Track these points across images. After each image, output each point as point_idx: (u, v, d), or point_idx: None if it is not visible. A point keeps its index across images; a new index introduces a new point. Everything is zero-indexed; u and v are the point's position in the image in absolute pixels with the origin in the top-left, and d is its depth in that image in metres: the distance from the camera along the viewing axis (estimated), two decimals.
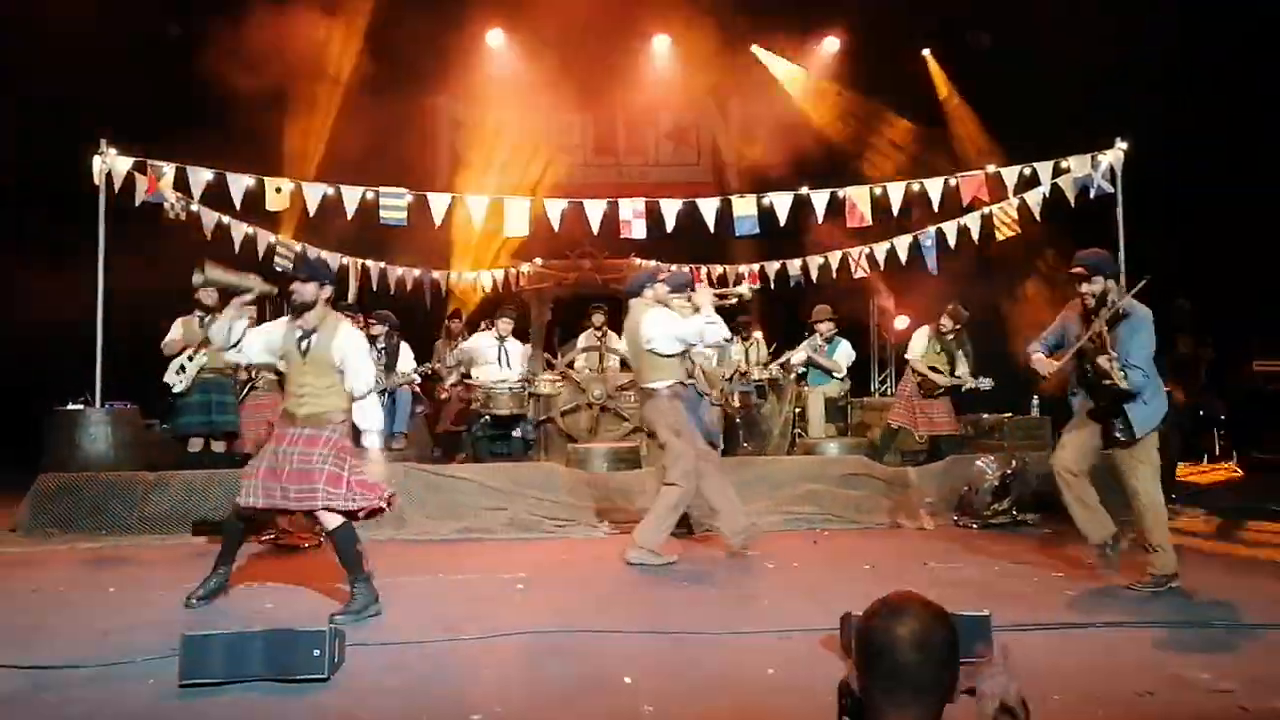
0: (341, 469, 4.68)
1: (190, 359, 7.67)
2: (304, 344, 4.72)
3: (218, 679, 3.57)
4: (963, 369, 8.48)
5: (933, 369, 8.48)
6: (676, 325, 5.97)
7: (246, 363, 5.95)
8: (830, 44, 13.14)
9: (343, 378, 4.72)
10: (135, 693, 3.59)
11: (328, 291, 4.82)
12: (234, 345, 4.82)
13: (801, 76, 13.18)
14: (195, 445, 7.81)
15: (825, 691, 3.42)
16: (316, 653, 3.62)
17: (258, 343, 4.86)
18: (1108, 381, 4.79)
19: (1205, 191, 10.68)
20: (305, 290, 4.73)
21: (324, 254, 10.13)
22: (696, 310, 5.97)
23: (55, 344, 9.18)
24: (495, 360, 9.12)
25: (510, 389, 8.64)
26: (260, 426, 7.96)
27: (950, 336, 8.56)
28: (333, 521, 4.70)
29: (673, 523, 6.05)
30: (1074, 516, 5.23)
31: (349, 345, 4.75)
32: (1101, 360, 4.81)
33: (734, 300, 6.47)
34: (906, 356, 9.01)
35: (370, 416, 4.81)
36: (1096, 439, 5.11)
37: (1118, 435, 4.97)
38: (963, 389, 8.49)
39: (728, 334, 6.21)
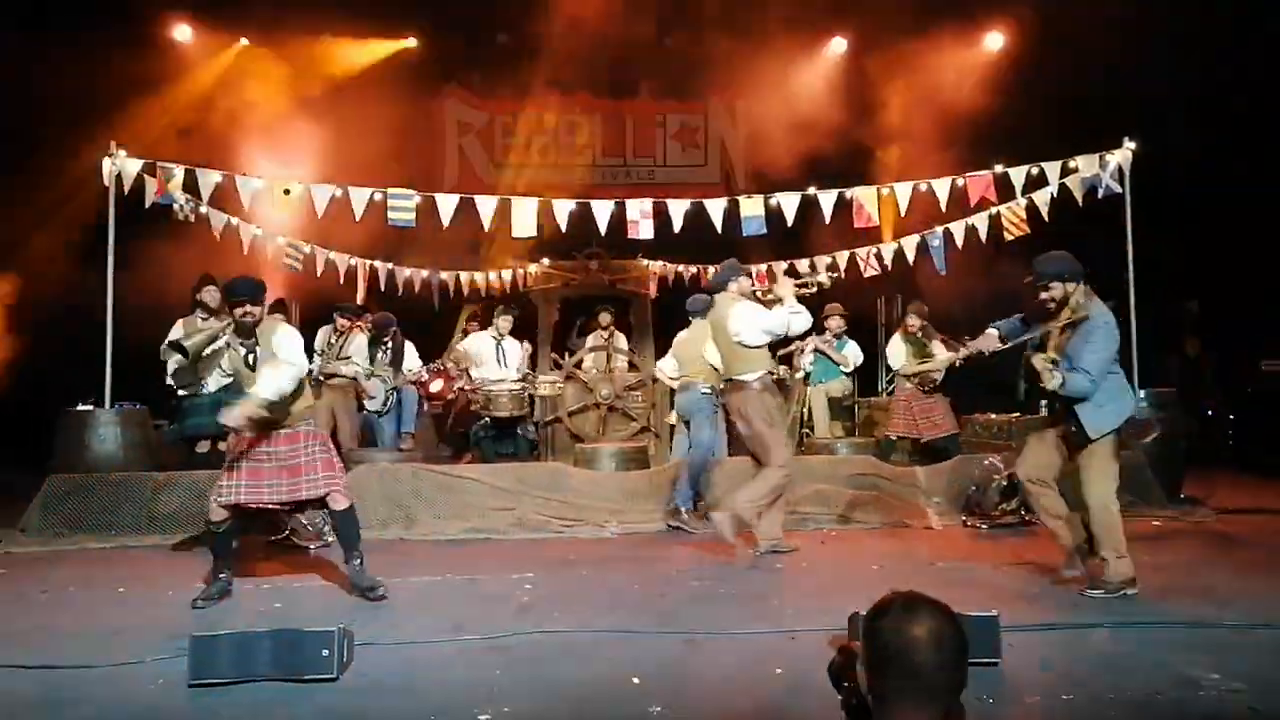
0: (330, 454, 5.04)
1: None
2: (250, 358, 4.97)
3: (226, 679, 3.58)
4: (942, 356, 8.56)
5: (925, 364, 8.58)
6: (763, 317, 6.16)
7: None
8: (838, 44, 13.10)
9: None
10: (144, 693, 3.61)
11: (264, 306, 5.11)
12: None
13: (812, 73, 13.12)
14: (203, 446, 7.84)
15: (834, 692, 3.42)
16: (325, 652, 3.63)
17: (210, 380, 5.06)
18: (1041, 383, 4.77)
19: (1214, 191, 10.64)
20: (256, 310, 4.96)
21: (332, 254, 10.16)
22: (779, 301, 6.10)
23: (64, 344, 9.22)
24: (493, 360, 9.11)
25: (509, 390, 8.64)
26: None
27: (920, 334, 8.76)
28: (342, 503, 5.00)
29: (778, 505, 6.21)
30: (1045, 524, 5.22)
31: (283, 336, 5.04)
32: (1035, 360, 4.79)
33: (814, 289, 6.55)
34: (891, 365, 9.14)
35: (267, 386, 4.79)
36: (1061, 445, 5.08)
37: (1073, 434, 4.92)
38: (958, 364, 8.52)
39: (810, 322, 6.40)
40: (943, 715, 1.66)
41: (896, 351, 8.98)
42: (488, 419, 8.69)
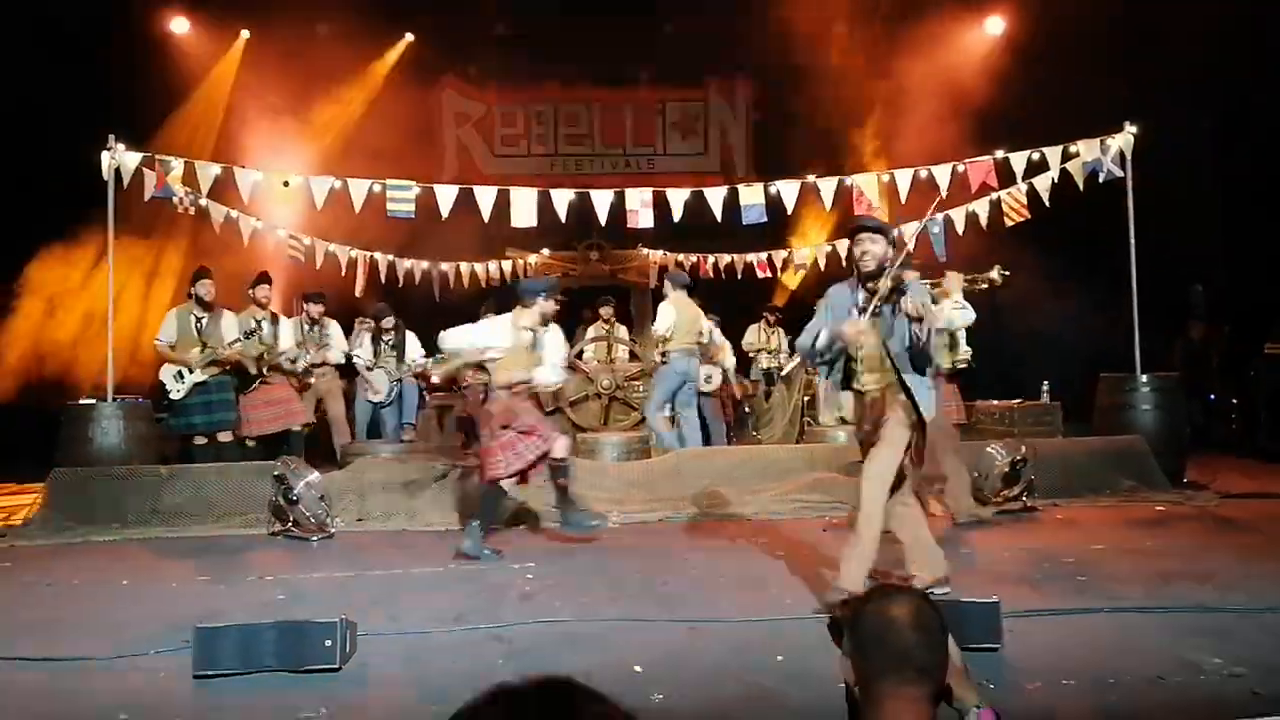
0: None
1: (189, 369, 7.74)
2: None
3: (230, 670, 3.59)
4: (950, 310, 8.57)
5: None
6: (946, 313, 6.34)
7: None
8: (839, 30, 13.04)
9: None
10: (149, 684, 3.62)
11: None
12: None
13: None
14: (200, 439, 7.88)
15: (835, 678, 3.43)
16: (328, 643, 3.64)
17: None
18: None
19: (1217, 174, 10.62)
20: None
21: (331, 246, 10.15)
22: (946, 295, 6.15)
23: (68, 339, 9.24)
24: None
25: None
26: (263, 410, 8.01)
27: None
28: (562, 449, 5.88)
29: (969, 481, 6.60)
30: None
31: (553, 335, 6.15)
32: (915, 297, 4.29)
33: (984, 285, 6.55)
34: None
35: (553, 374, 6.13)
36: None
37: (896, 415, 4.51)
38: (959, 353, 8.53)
39: (974, 317, 6.54)
40: (931, 694, 1.70)
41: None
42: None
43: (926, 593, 1.86)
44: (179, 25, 11.59)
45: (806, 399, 10.01)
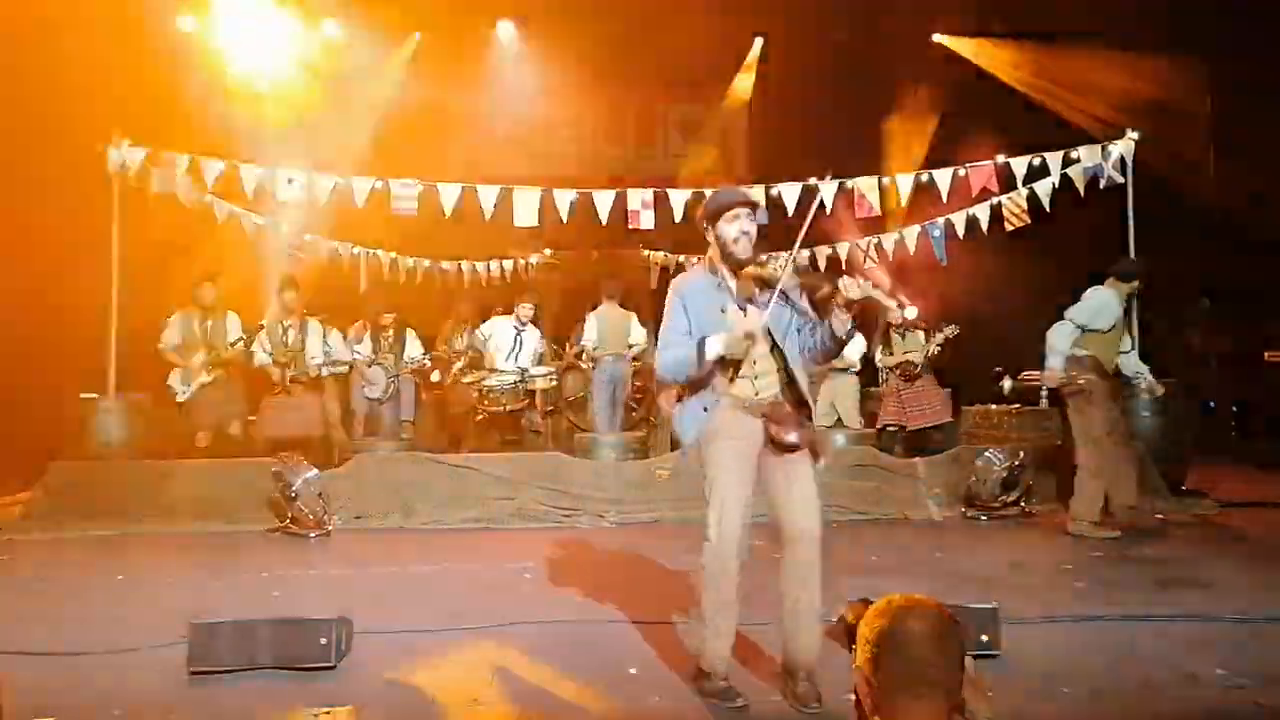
0: None
1: (195, 376, 7.77)
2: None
3: (225, 667, 3.58)
4: (922, 337, 8.65)
5: (906, 356, 8.61)
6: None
7: None
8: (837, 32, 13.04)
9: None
10: (144, 680, 3.61)
11: None
12: None
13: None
14: (203, 440, 7.87)
15: (832, 681, 3.42)
16: (324, 641, 3.63)
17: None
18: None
19: (1218, 180, 10.60)
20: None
21: (333, 244, 10.14)
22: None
23: (69, 333, 9.21)
24: (509, 347, 9.07)
25: (503, 385, 8.62)
26: (282, 414, 8.01)
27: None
28: None
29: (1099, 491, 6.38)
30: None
31: None
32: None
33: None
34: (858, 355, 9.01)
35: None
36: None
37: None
38: (930, 354, 8.57)
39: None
40: (946, 710, 1.66)
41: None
42: (485, 415, 8.69)
43: (942, 605, 1.74)
44: (185, 21, 11.56)
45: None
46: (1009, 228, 9.07)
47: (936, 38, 12.21)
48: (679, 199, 8.75)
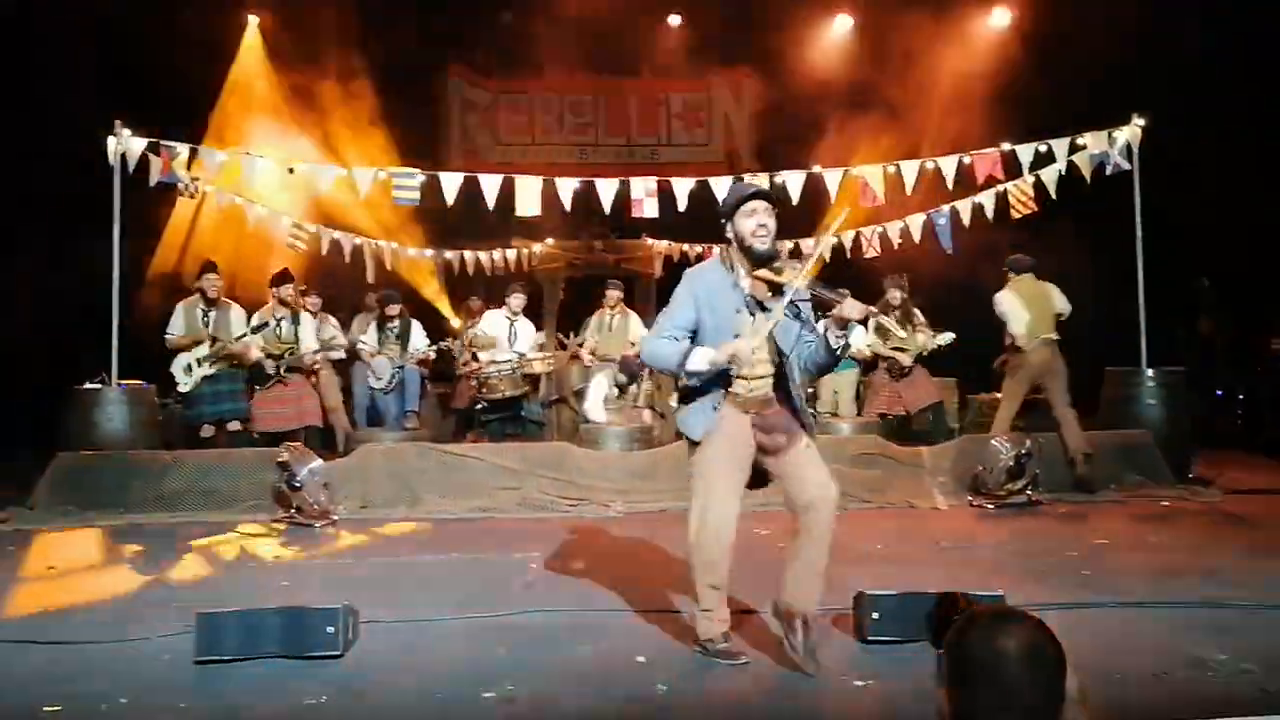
0: None
1: (199, 363, 7.77)
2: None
3: (232, 656, 3.58)
4: (923, 335, 8.53)
5: (896, 349, 8.56)
6: None
7: None
8: (843, 21, 13.00)
9: None
10: (151, 669, 3.61)
11: None
12: None
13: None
14: (207, 431, 7.89)
15: (837, 670, 3.42)
16: (331, 630, 3.63)
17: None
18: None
19: (1224, 167, 10.55)
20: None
21: (336, 235, 10.12)
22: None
23: (72, 324, 9.22)
24: (504, 339, 9.08)
25: (500, 371, 8.62)
26: (276, 407, 8.00)
27: (899, 308, 8.63)
28: None
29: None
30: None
31: None
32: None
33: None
34: (865, 345, 8.91)
35: None
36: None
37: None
38: (925, 354, 8.55)
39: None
40: None
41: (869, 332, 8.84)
42: (485, 403, 8.69)
43: (1041, 621, 1.58)
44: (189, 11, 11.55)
45: (809, 392, 9.95)
46: (1016, 215, 9.03)
47: None
48: (682, 188, 8.72)
